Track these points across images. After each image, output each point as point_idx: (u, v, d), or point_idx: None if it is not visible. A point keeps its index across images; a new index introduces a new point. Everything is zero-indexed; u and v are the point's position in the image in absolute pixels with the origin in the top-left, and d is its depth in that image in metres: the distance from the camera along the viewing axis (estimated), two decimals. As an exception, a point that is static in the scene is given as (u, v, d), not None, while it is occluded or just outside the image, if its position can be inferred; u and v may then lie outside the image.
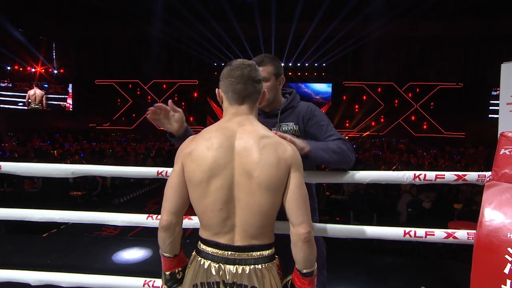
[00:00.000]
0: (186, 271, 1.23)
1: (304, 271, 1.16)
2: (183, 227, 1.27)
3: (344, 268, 2.69)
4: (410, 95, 14.30)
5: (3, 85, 13.43)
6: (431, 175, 1.58)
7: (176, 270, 1.24)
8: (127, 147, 11.01)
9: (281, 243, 1.24)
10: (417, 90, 14.19)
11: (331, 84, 14.81)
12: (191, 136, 1.26)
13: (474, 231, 1.49)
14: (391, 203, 5.86)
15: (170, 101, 1.56)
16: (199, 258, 1.18)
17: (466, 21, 12.54)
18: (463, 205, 5.45)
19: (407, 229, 1.62)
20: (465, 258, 1.54)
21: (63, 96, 14.31)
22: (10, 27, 11.17)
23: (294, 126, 1.60)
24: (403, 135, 14.14)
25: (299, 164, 1.18)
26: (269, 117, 1.64)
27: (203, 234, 1.20)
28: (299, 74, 14.68)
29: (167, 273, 1.25)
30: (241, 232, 1.15)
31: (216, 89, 1.26)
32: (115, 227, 4.15)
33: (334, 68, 14.62)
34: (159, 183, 8.11)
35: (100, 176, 6.14)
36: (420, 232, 1.61)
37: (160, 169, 1.73)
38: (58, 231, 4.22)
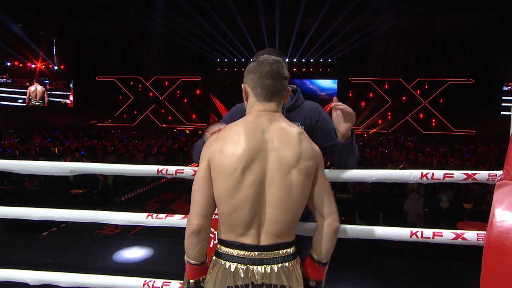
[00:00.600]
0: (208, 277, 1.18)
1: (324, 261, 1.20)
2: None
3: (349, 270, 2.61)
4: (418, 91, 13.93)
5: (2, 80, 13.33)
6: (439, 174, 1.55)
7: (201, 278, 1.21)
8: (129, 145, 10.87)
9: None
10: (426, 86, 13.81)
11: (336, 80, 14.52)
12: (214, 134, 1.21)
13: (484, 232, 1.45)
14: (398, 203, 5.64)
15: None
16: (223, 262, 1.14)
17: (477, 14, 12.12)
18: (473, 205, 5.24)
19: (414, 230, 1.59)
20: (473, 259, 1.51)
21: (65, 93, 14.21)
22: (10, 22, 11.07)
23: (300, 126, 1.57)
24: (411, 132, 13.79)
25: (322, 159, 1.22)
26: None
27: (225, 235, 1.16)
28: (304, 70, 14.40)
29: (192, 281, 1.20)
30: (267, 231, 1.13)
31: (242, 84, 1.24)
32: (116, 226, 4.18)
33: (340, 64, 14.31)
34: (160, 182, 8.08)
35: (101, 174, 6.14)
36: (427, 232, 1.57)
37: (161, 167, 1.71)
38: (58, 229, 4.22)
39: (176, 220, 1.73)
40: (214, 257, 1.18)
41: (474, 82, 13.12)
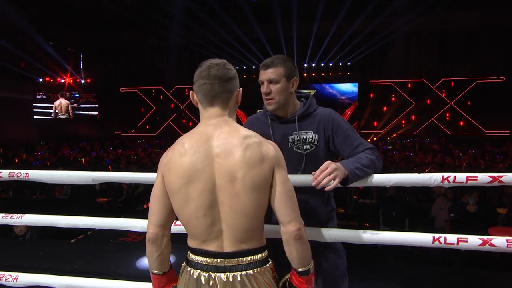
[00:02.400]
0: (178, 282, 1.21)
1: (300, 269, 1.14)
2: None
3: (372, 276, 2.53)
4: (443, 92, 13.41)
5: (38, 97, 14.18)
6: (461, 177, 1.48)
7: None
8: (151, 154, 11.14)
9: (273, 246, 1.21)
10: (452, 86, 13.28)
11: (357, 84, 14.25)
12: (169, 148, 1.23)
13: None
14: (425, 208, 5.43)
15: None
16: (189, 269, 1.15)
17: (505, 8, 11.56)
18: (508, 209, 4.92)
19: (437, 235, 1.53)
20: (499, 267, 1.31)
21: (94, 105, 14.83)
22: (42, 41, 11.75)
23: (314, 135, 1.54)
24: (437, 134, 13.28)
25: (281, 161, 1.16)
26: (285, 123, 1.58)
27: (191, 243, 1.18)
28: (323, 74, 14.26)
29: None
30: (229, 238, 1.12)
31: (190, 92, 1.24)
32: (139, 233, 4.26)
33: (359, 67, 14.06)
34: None
35: (125, 183, 6.36)
36: (451, 238, 1.50)
37: None
38: (86, 236, 4.41)
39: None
40: (183, 264, 1.20)
41: (506, 79, 12.49)
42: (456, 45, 13.24)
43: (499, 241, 1.44)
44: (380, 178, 1.52)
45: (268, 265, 1.16)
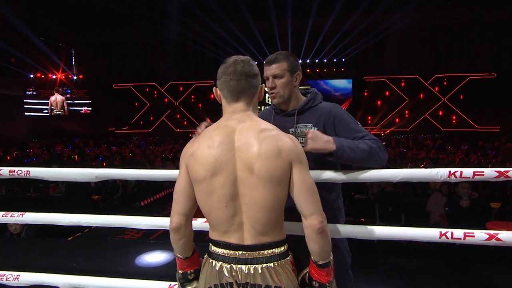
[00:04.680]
0: (200, 273, 1.24)
1: (320, 262, 1.16)
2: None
3: (371, 270, 2.54)
4: (436, 88, 13.54)
5: (29, 93, 13.92)
6: (468, 172, 1.49)
7: (188, 271, 1.27)
8: (146, 150, 11.05)
9: (293, 240, 1.24)
10: (445, 82, 13.42)
11: (351, 80, 14.31)
12: (193, 138, 1.27)
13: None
14: (420, 203, 5.49)
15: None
16: (211, 260, 1.18)
17: (498, 5, 11.69)
18: (501, 203, 5.00)
19: (443, 230, 1.53)
20: (503, 261, 1.32)
21: (86, 101, 14.62)
22: (32, 36, 11.52)
23: (313, 129, 1.55)
24: (431, 130, 13.42)
25: (300, 155, 1.17)
26: (286, 116, 1.62)
27: (212, 235, 1.21)
28: (317, 70, 14.29)
29: (180, 271, 1.29)
30: (250, 230, 1.14)
31: (214, 88, 1.28)
32: (137, 230, 4.22)
33: (354, 63, 14.12)
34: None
35: (120, 179, 6.29)
36: (458, 233, 1.50)
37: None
38: (82, 234, 4.34)
39: (199, 224, 1.74)
40: (206, 255, 1.23)
41: (497, 76, 12.66)
42: (449, 41, 13.38)
43: (505, 236, 1.45)
44: (387, 174, 1.52)
45: (288, 258, 1.18)
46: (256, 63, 1.28)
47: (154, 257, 3.13)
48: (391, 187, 5.73)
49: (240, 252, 1.14)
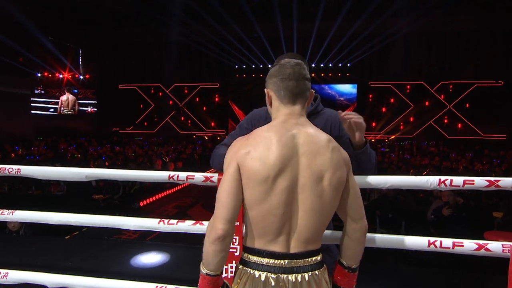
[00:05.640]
0: (235, 287, 1.13)
1: (354, 266, 1.18)
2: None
3: (370, 278, 2.44)
4: (442, 95, 13.44)
5: (37, 91, 14.11)
6: (458, 180, 1.47)
7: None
8: (148, 151, 11.10)
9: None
10: (450, 89, 13.31)
11: (356, 85, 14.27)
12: (241, 137, 1.17)
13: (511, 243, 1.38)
14: (421, 210, 5.41)
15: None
16: (252, 271, 1.10)
17: (506, 12, 11.58)
18: (504, 213, 4.91)
19: (432, 239, 1.52)
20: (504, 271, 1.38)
21: (93, 102, 14.76)
22: (40, 36, 11.69)
23: None
24: (435, 137, 13.30)
25: (351, 167, 1.20)
26: None
27: (252, 243, 1.12)
28: (322, 75, 14.26)
29: None
30: (297, 238, 1.10)
31: (265, 89, 1.23)
32: (134, 231, 4.22)
33: (359, 68, 14.07)
34: (179, 187, 8.19)
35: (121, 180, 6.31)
36: (447, 242, 1.50)
37: (172, 173, 1.73)
38: (80, 233, 4.38)
39: (186, 226, 1.73)
40: (240, 266, 1.14)
41: (504, 84, 12.52)
42: (455, 48, 13.27)
43: (495, 246, 1.44)
44: (376, 180, 1.51)
45: (324, 266, 1.17)
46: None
47: (149, 258, 3.11)
48: (393, 193, 5.67)
49: (286, 261, 1.09)
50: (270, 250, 1.09)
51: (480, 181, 1.45)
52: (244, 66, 14.35)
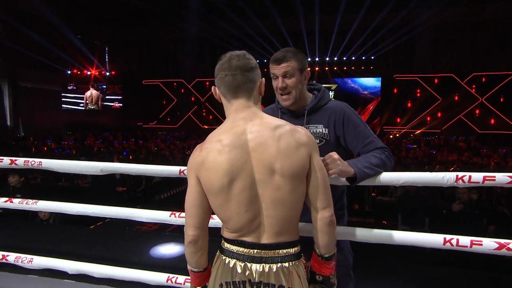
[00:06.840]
0: (213, 270, 1.20)
1: (326, 255, 1.17)
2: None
3: (388, 277, 2.44)
4: (473, 87, 12.76)
5: (70, 88, 14.81)
6: (477, 177, 1.39)
7: (206, 284, 1.22)
8: (171, 145, 11.34)
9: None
10: (483, 81, 12.60)
11: (380, 78, 13.85)
12: (198, 146, 1.19)
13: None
14: (447, 206, 5.21)
15: None
16: (224, 257, 1.15)
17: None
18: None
19: (448, 237, 1.45)
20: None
21: (118, 97, 15.28)
22: (70, 34, 12.21)
23: (324, 129, 1.51)
24: (465, 132, 12.68)
25: (316, 147, 1.16)
26: (295, 116, 1.55)
27: (227, 235, 1.17)
28: (345, 68, 13.95)
29: None
30: (268, 230, 1.12)
31: (212, 86, 1.21)
32: (154, 222, 4.35)
33: (383, 61, 13.62)
34: None
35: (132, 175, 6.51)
36: (464, 240, 1.42)
37: (183, 167, 1.74)
38: (104, 223, 4.52)
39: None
40: (217, 252, 1.20)
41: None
42: (489, 37, 12.49)
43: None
44: (389, 177, 1.45)
45: (301, 259, 1.17)
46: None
47: (168, 249, 3.19)
48: (415, 189, 5.49)
49: (256, 251, 1.11)
50: (240, 240, 1.14)
51: (502, 177, 1.36)
52: (265, 61, 14.28)
